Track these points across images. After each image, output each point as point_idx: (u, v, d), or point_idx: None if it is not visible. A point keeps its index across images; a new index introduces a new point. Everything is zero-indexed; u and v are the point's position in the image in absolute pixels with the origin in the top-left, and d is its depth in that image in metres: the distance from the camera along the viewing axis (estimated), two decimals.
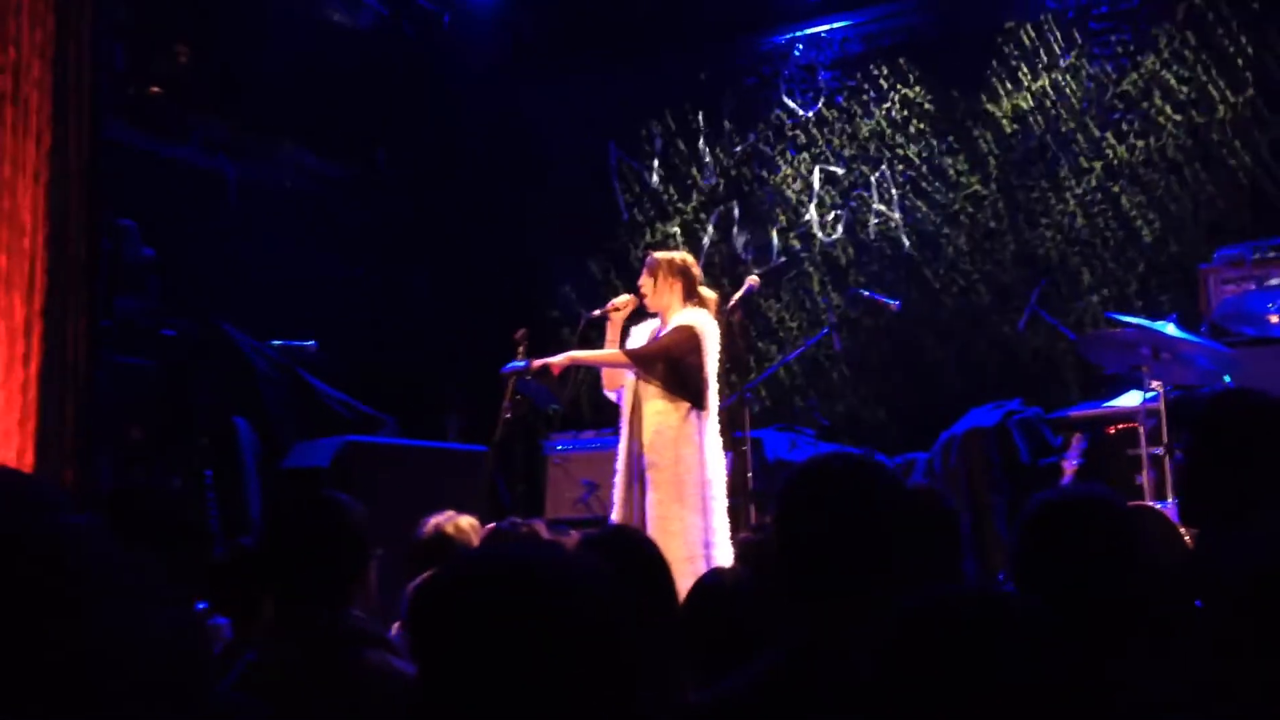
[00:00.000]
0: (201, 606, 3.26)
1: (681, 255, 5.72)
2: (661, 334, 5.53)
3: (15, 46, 5.70)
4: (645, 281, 5.59)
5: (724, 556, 5.21)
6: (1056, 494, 2.30)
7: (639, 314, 5.76)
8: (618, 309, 5.68)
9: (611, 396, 5.72)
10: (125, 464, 6.55)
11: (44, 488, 0.75)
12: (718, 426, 5.46)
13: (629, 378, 5.54)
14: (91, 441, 5.88)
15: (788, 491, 2.05)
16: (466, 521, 3.64)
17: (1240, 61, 7.45)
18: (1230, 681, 1.70)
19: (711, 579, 2.71)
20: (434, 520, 3.66)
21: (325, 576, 2.57)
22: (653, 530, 5.14)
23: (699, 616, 2.55)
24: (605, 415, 8.48)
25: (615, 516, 5.43)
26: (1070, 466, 5.82)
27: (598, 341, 5.81)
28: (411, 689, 2.23)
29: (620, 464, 5.49)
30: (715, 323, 5.49)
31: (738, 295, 5.81)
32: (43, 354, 5.66)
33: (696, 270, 5.64)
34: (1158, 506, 5.01)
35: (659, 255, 5.66)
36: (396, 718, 2.28)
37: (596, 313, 5.80)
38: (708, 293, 5.63)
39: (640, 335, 5.64)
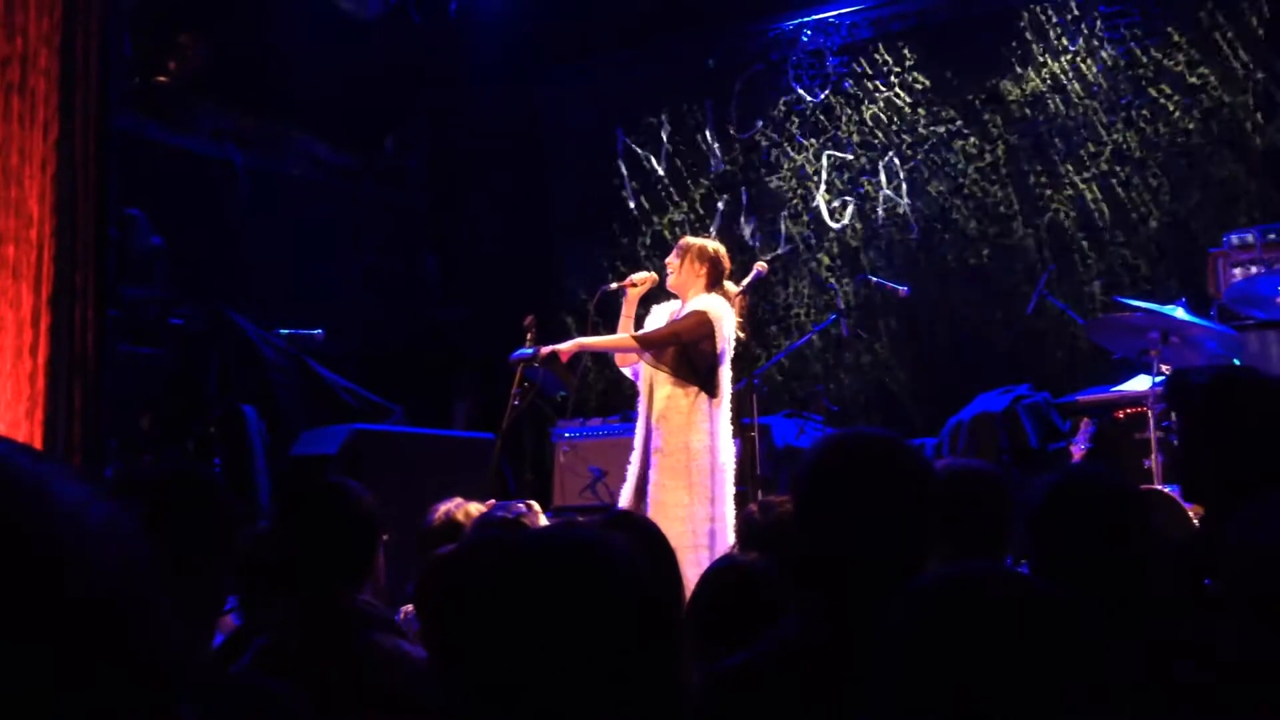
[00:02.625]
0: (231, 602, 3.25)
1: (714, 244, 5.62)
2: (677, 318, 5.51)
3: (23, 36, 5.70)
4: (672, 261, 5.56)
5: (729, 544, 5.19)
6: (1062, 477, 2.29)
7: (662, 293, 5.73)
8: (635, 285, 5.66)
9: (627, 373, 5.69)
10: (134, 453, 6.57)
11: None
12: (729, 414, 5.44)
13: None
14: (100, 431, 5.90)
15: (817, 462, 2.05)
16: (475, 508, 3.63)
17: (1252, 45, 7.41)
18: (1239, 658, 1.70)
19: (726, 563, 2.71)
20: (443, 507, 3.65)
21: (336, 561, 2.58)
22: (652, 513, 5.13)
23: (715, 601, 2.54)
24: (614, 403, 8.50)
25: (624, 496, 5.41)
26: (1079, 451, 5.81)
27: (613, 316, 5.78)
28: (427, 673, 2.24)
29: (637, 443, 5.48)
30: (732, 310, 5.47)
31: (745, 281, 5.79)
32: (50, 344, 5.66)
33: (727, 263, 5.55)
34: (1166, 490, 5.00)
35: (691, 239, 5.61)
36: (406, 701, 2.30)
37: (613, 286, 5.79)
38: (732, 287, 5.59)
39: (660, 315, 5.61)
